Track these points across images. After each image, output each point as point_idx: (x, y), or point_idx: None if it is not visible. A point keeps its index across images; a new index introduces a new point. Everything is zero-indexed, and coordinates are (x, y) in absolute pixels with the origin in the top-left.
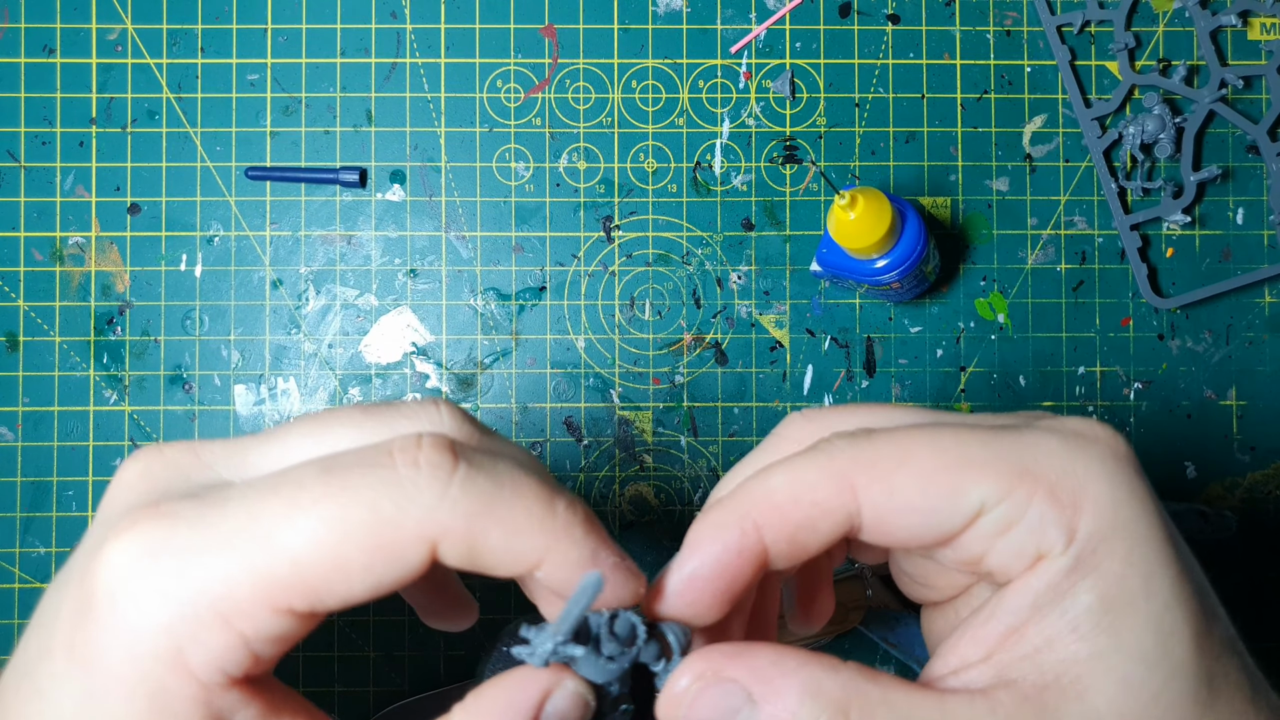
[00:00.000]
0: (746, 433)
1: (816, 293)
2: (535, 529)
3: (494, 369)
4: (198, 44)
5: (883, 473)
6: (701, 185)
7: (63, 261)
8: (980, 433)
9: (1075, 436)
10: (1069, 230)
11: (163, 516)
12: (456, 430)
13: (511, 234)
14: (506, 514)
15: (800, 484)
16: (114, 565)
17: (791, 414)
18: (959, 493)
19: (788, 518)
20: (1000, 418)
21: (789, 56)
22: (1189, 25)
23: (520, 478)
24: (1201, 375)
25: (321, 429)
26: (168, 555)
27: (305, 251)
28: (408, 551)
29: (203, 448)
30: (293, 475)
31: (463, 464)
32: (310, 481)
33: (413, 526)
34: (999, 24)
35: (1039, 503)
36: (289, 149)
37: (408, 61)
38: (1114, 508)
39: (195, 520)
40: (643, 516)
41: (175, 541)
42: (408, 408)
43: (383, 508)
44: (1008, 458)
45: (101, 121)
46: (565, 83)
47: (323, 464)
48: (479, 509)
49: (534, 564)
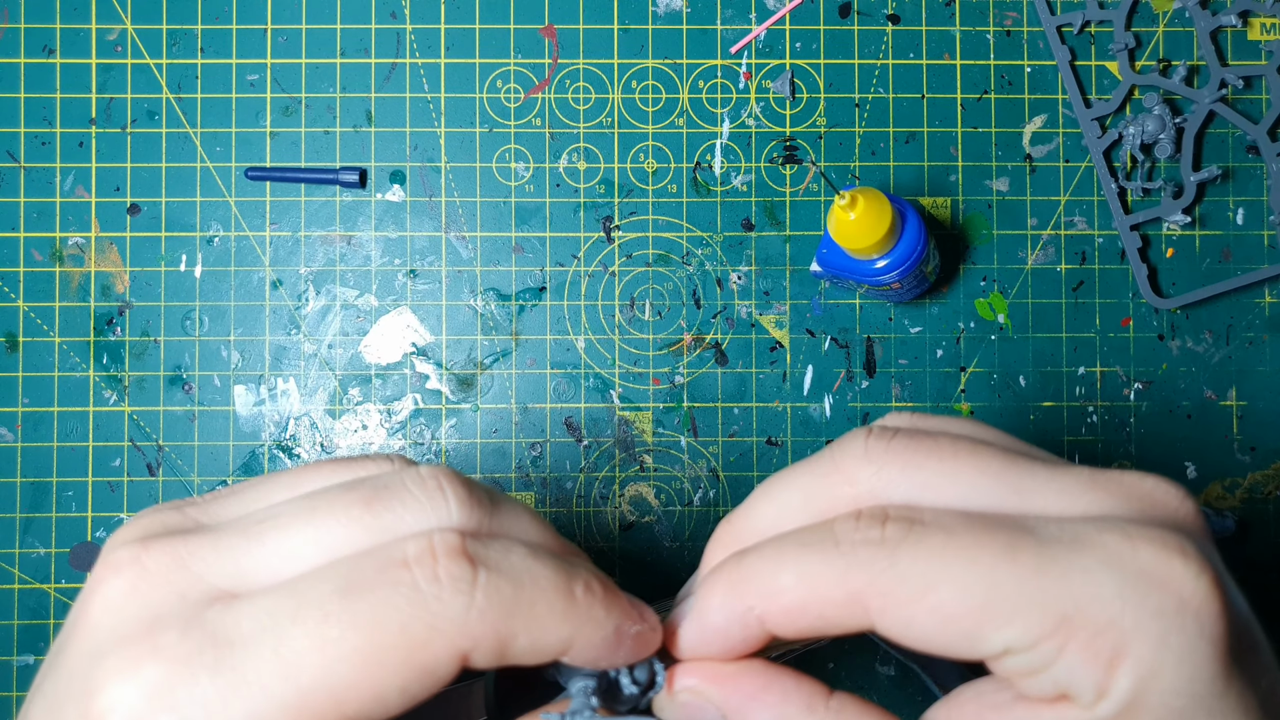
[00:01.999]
0: (746, 433)
1: (816, 293)
2: (559, 622)
3: (494, 369)
4: (197, 44)
5: (900, 603)
6: (701, 185)
7: (62, 262)
8: (1026, 557)
9: (1140, 579)
10: (1069, 230)
11: (173, 660)
12: (465, 518)
13: (511, 234)
14: (530, 614)
15: (810, 591)
16: (125, 714)
17: (855, 437)
18: (981, 638)
19: (793, 618)
20: (1077, 491)
21: (789, 57)
22: (1189, 25)
23: (536, 570)
24: (1201, 375)
25: (315, 520)
26: (188, 701)
27: (305, 252)
28: (440, 667)
29: (189, 555)
30: (312, 600)
31: (482, 571)
32: (333, 608)
33: (443, 643)
34: (999, 24)
35: (1072, 655)
36: (289, 149)
37: (407, 62)
38: (1156, 676)
39: (213, 664)
40: (643, 516)
41: (195, 686)
42: (408, 494)
43: (414, 631)
44: (1046, 602)
45: (101, 122)
46: (565, 83)
47: (338, 584)
48: (504, 616)
49: (561, 652)
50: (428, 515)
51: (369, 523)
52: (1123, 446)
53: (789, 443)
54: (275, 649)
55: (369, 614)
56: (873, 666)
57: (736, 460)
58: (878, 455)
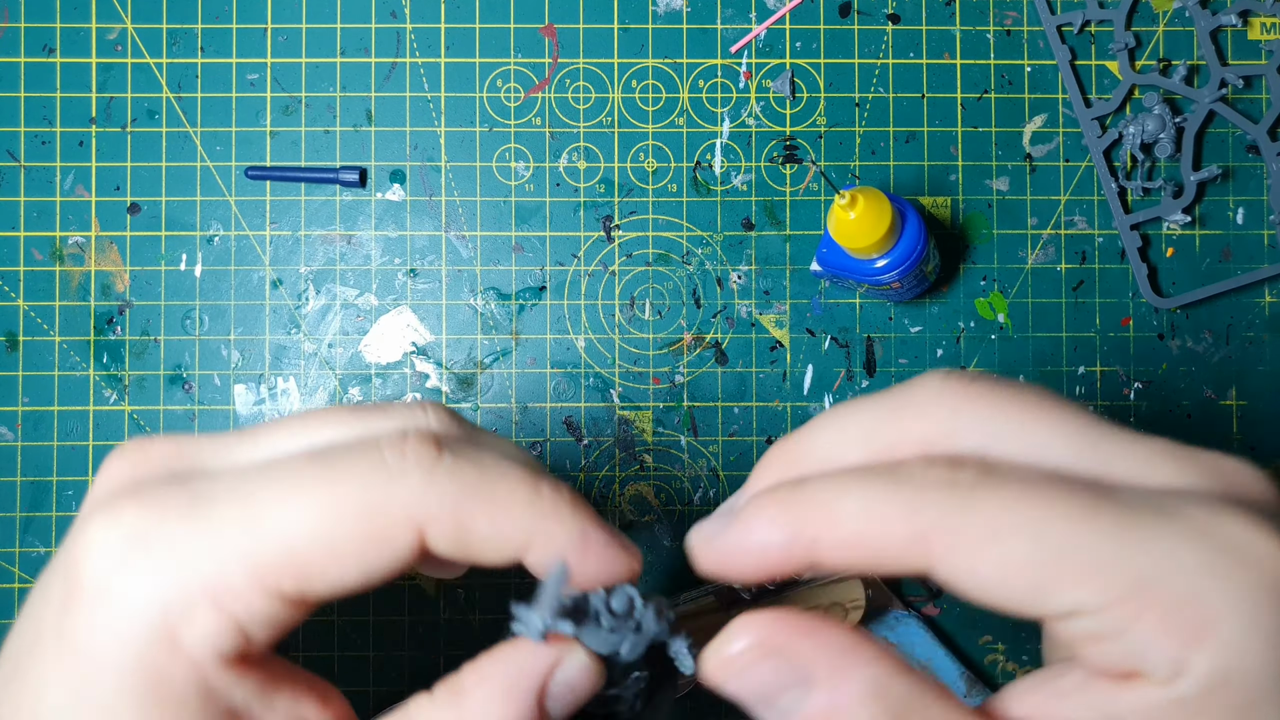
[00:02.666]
0: (746, 432)
1: (816, 293)
2: (520, 512)
3: (494, 369)
4: (198, 43)
5: (967, 547)
6: (701, 185)
7: (62, 261)
8: (1105, 518)
9: (1228, 554)
10: (1069, 230)
11: (150, 502)
12: (442, 426)
13: (511, 234)
14: (491, 498)
15: (873, 524)
16: (102, 551)
17: (931, 375)
18: (1049, 594)
19: (848, 550)
20: (1158, 461)
21: (789, 56)
22: (1189, 25)
23: (505, 465)
24: (1201, 375)
25: (307, 428)
26: (158, 540)
27: (305, 251)
28: (396, 538)
29: (187, 442)
30: (284, 462)
31: (447, 453)
32: (301, 468)
33: (400, 512)
34: (999, 24)
35: (1148, 625)
36: (289, 149)
37: (407, 61)
38: (1242, 655)
39: (185, 506)
40: (643, 516)
41: (165, 526)
42: (395, 408)
43: (372, 494)
44: (1123, 566)
45: (101, 121)
46: (565, 82)
47: (312, 454)
48: (464, 494)
49: (521, 547)
50: (408, 422)
51: (354, 424)
52: None
53: None
54: (243, 502)
55: (332, 476)
56: None
57: (736, 460)
58: (954, 397)
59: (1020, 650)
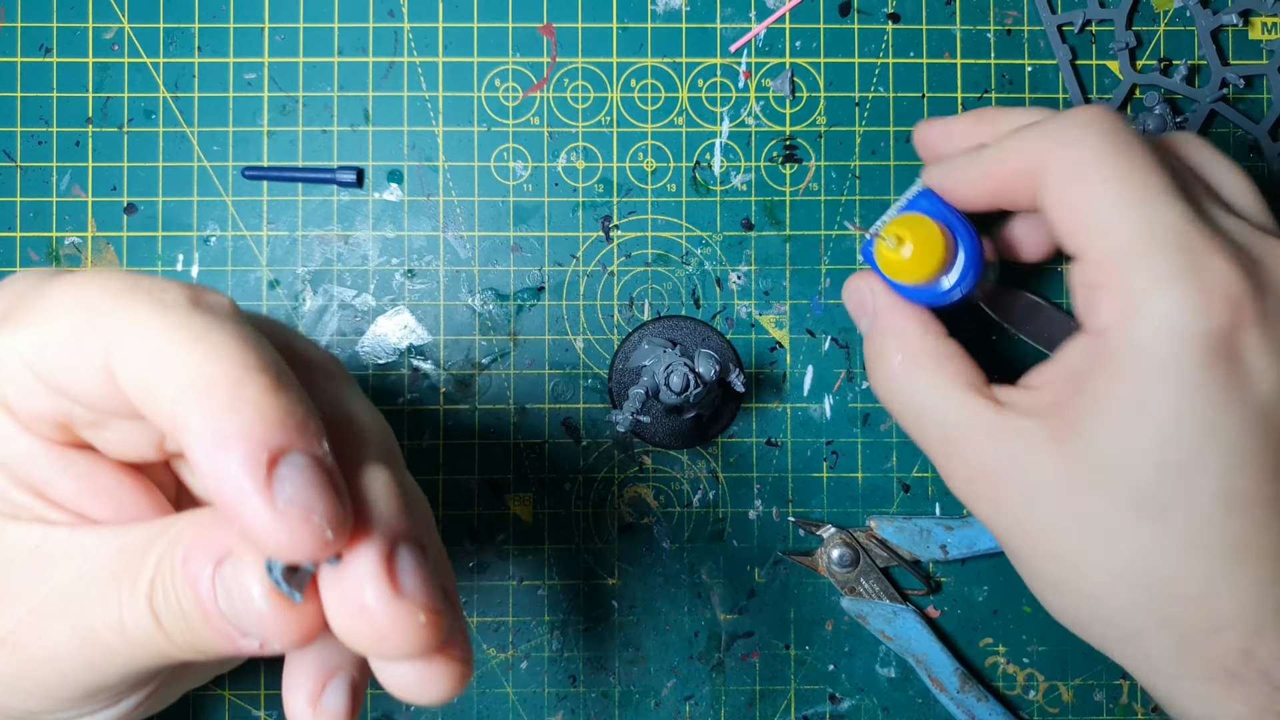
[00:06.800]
0: (745, 434)
1: (817, 293)
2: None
3: (492, 370)
4: (194, 43)
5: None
6: (701, 185)
7: (59, 261)
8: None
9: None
10: None
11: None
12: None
13: (509, 234)
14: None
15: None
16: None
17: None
18: (1086, 231)
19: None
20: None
21: (789, 55)
22: (1190, 24)
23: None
24: None
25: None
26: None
27: (302, 251)
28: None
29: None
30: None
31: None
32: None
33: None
34: (1000, 23)
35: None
36: (286, 148)
37: (405, 60)
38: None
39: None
40: (642, 518)
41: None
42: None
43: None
44: (1126, 231)
45: (98, 121)
46: (564, 82)
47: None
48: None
49: (163, 392)
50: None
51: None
52: None
53: (789, 443)
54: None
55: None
56: (873, 668)
57: (736, 461)
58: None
59: (1021, 653)
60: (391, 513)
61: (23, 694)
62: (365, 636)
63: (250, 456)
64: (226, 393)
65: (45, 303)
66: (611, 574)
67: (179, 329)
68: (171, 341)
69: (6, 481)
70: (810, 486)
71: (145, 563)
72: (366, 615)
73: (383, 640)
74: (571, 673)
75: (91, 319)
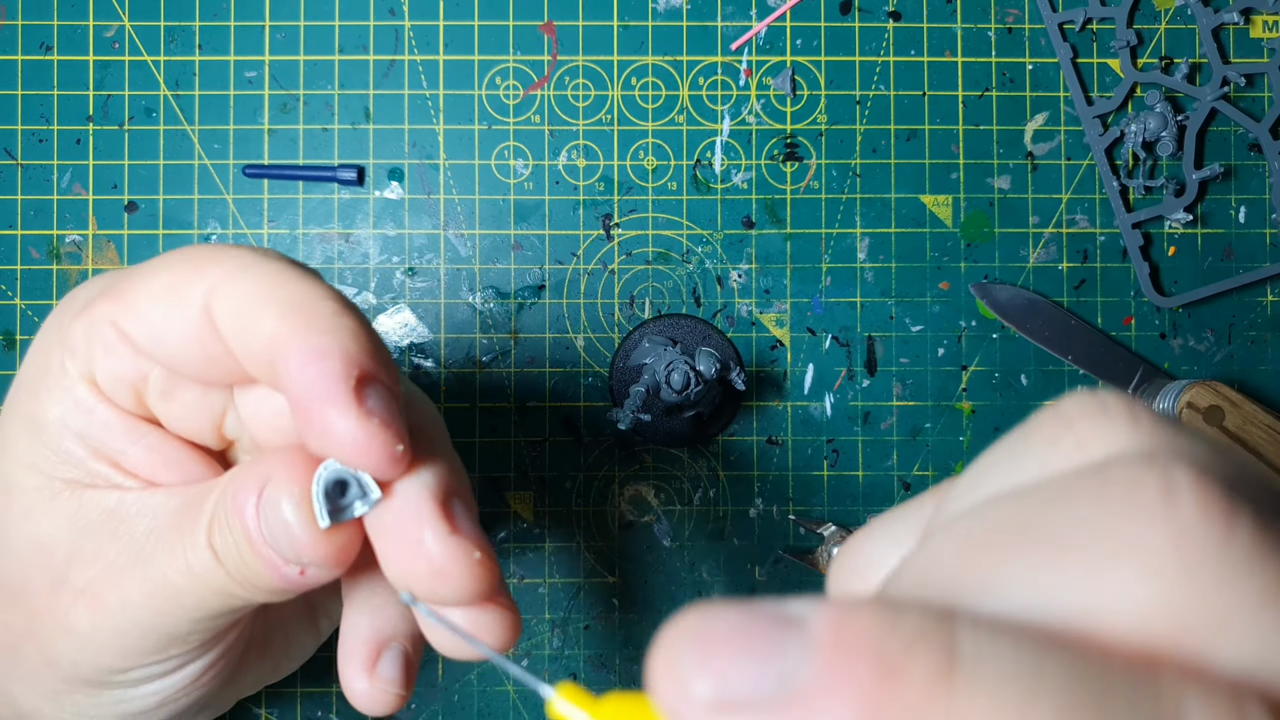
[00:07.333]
0: (746, 432)
1: (817, 291)
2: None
3: (493, 368)
4: (195, 41)
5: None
6: (701, 183)
7: (60, 260)
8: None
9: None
10: (1070, 229)
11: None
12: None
13: (510, 232)
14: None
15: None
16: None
17: (1086, 398)
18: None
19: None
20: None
21: (789, 53)
22: (1191, 23)
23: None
24: (1204, 374)
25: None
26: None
27: (303, 250)
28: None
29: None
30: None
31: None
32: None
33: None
34: (1000, 21)
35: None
36: (287, 147)
37: (406, 59)
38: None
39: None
40: (642, 516)
41: (79, 299)
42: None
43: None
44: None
45: (99, 119)
46: (564, 80)
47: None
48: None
49: (269, 350)
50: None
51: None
52: None
53: (789, 442)
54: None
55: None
56: None
57: (736, 459)
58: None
59: None
60: (446, 469)
61: (98, 647)
62: (422, 574)
63: (345, 370)
64: (328, 319)
65: (143, 269)
66: (612, 572)
67: (281, 269)
68: (274, 278)
69: (86, 452)
70: (811, 485)
71: (204, 507)
72: (424, 553)
73: (439, 576)
74: (572, 670)
75: (194, 267)
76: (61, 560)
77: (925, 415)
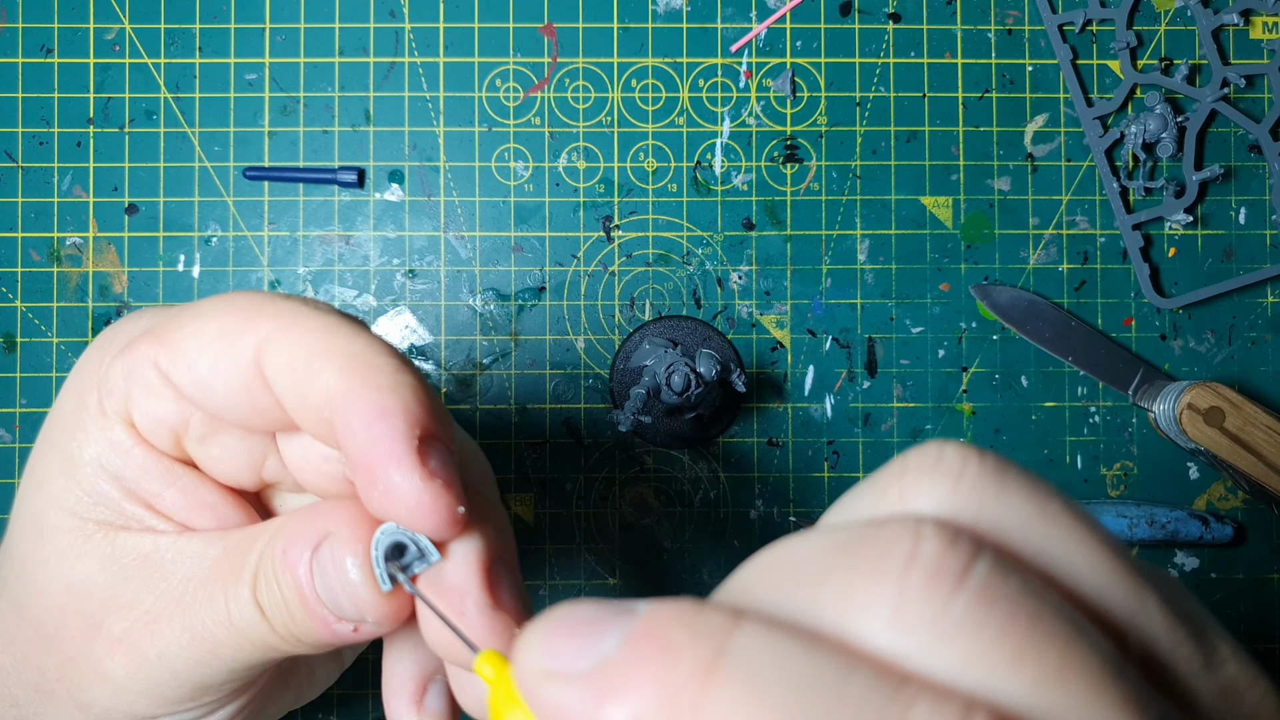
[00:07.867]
0: (747, 434)
1: (817, 293)
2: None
3: (493, 370)
4: (195, 43)
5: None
6: (702, 185)
7: (60, 262)
8: None
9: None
10: (1071, 230)
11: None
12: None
13: (510, 234)
14: (315, 331)
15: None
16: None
17: (928, 450)
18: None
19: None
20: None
21: (789, 55)
22: (1190, 24)
23: (368, 338)
24: (1204, 375)
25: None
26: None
27: (303, 252)
28: (238, 338)
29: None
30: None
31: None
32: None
33: (243, 321)
34: (1000, 23)
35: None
36: (287, 149)
37: (406, 61)
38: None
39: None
40: (643, 518)
41: (119, 337)
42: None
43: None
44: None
45: (99, 121)
46: (565, 82)
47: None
48: (290, 322)
49: (326, 399)
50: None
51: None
52: (1124, 447)
53: (790, 443)
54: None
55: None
56: None
57: (737, 461)
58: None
59: None
60: (494, 532)
61: (133, 695)
62: (460, 645)
63: (408, 430)
64: (389, 376)
65: (192, 311)
66: (613, 574)
67: (338, 324)
68: (330, 333)
69: (120, 493)
70: (811, 486)
71: (248, 559)
72: (465, 624)
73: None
74: None
75: (245, 318)
76: (97, 605)
77: (926, 417)
